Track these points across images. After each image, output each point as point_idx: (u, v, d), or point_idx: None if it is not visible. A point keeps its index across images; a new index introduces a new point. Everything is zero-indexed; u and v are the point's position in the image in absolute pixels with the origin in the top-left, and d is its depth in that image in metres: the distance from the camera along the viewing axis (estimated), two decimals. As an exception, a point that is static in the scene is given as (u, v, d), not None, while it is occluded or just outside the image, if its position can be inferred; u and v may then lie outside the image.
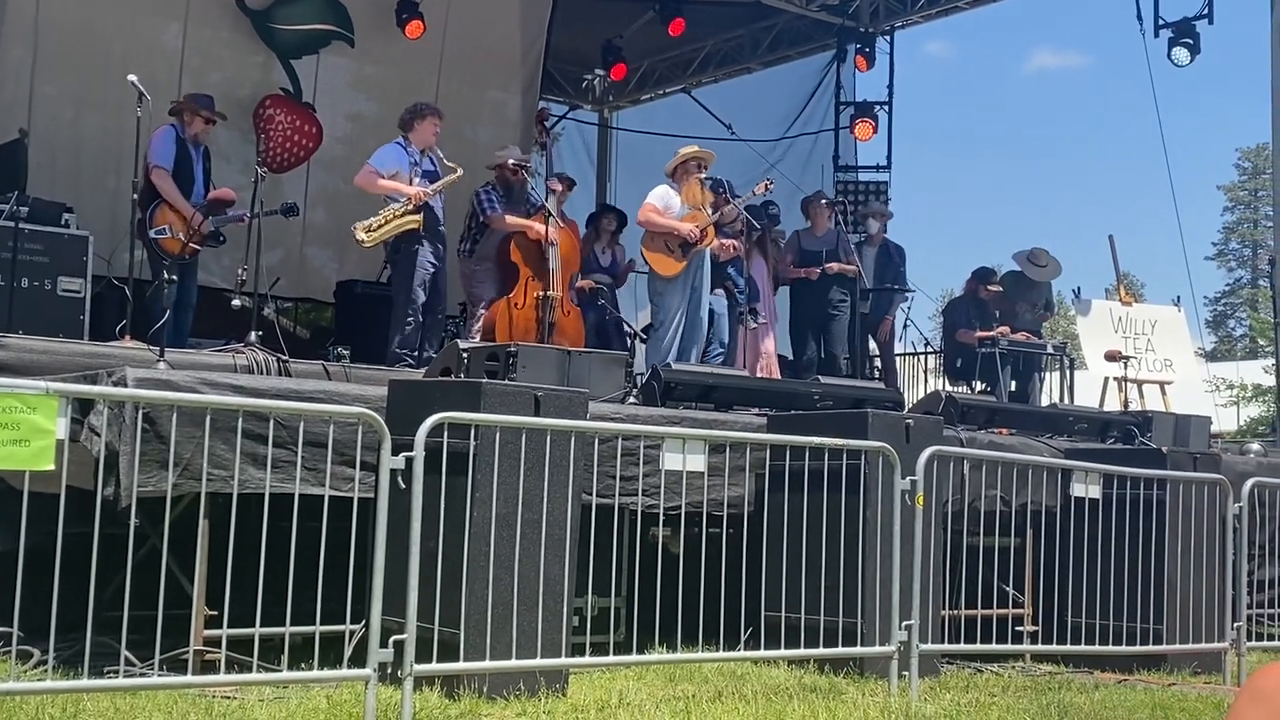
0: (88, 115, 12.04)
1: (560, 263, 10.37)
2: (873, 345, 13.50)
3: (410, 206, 9.70)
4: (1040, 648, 7.79)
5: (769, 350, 12.05)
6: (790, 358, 12.76)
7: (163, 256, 9.44)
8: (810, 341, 12.49)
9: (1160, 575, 7.80)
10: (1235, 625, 7.82)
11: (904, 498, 6.61)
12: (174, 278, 8.99)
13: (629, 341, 11.61)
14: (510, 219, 10.44)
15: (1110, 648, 7.71)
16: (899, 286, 13.25)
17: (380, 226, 9.67)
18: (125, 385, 5.85)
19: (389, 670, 5.08)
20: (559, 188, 10.98)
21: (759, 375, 11.34)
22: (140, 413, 5.43)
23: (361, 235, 9.69)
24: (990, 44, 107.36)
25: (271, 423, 5.57)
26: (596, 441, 6.25)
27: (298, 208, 10.02)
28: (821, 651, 6.76)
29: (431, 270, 9.91)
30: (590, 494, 6.05)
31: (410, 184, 9.81)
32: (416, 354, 9.74)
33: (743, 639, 6.60)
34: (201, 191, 9.86)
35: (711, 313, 11.28)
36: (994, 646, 7.30)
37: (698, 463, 6.46)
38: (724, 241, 11.25)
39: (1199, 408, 12.60)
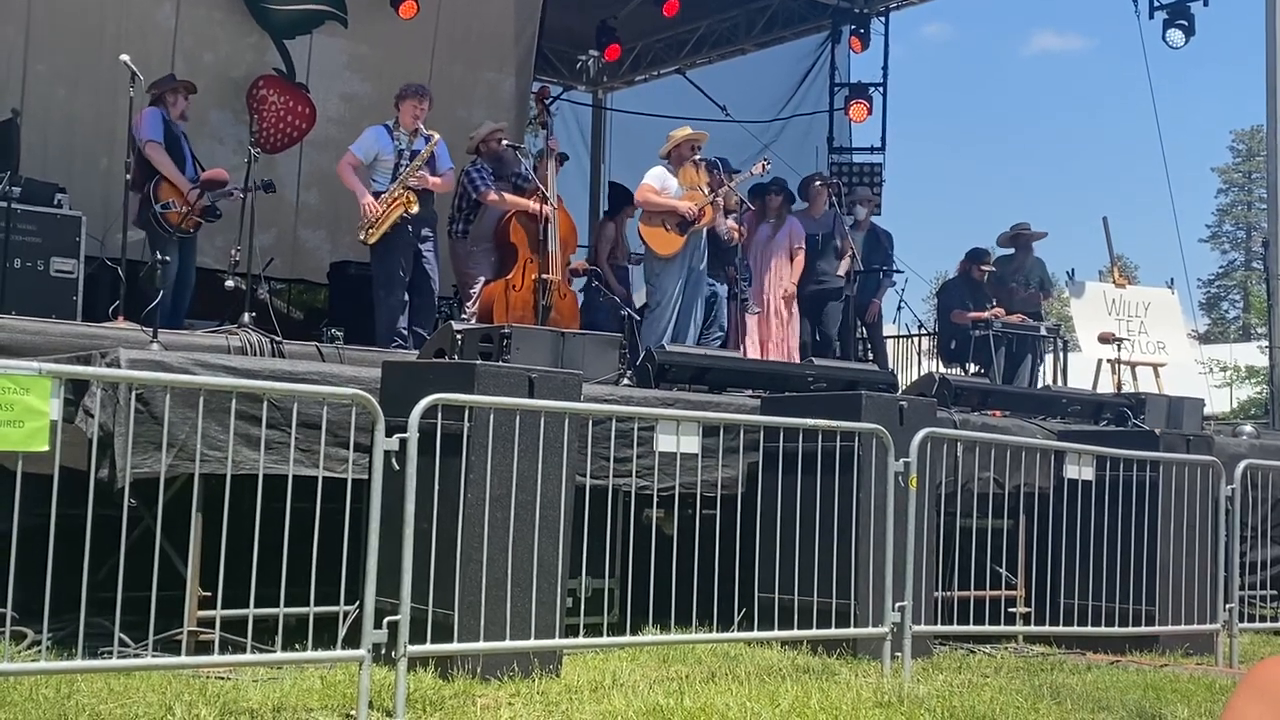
0: (80, 95, 11.99)
1: (559, 245, 10.34)
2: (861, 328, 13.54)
3: (397, 191, 9.68)
4: (1033, 629, 7.82)
5: (783, 336, 11.91)
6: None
7: (167, 231, 9.43)
8: (806, 324, 12.51)
9: (1153, 557, 7.82)
10: (1228, 607, 7.85)
11: (897, 479, 6.62)
12: (167, 258, 8.98)
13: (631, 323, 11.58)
14: (509, 197, 10.39)
15: (1103, 629, 7.74)
16: (885, 269, 13.28)
17: (377, 223, 9.66)
18: (119, 366, 5.85)
19: (383, 651, 5.08)
20: (556, 145, 10.95)
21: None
22: (134, 394, 5.42)
23: (362, 235, 9.73)
24: (990, 25, 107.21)
25: (265, 404, 5.57)
26: (590, 423, 6.25)
27: (274, 184, 9.98)
28: (814, 633, 6.77)
29: (414, 249, 9.88)
30: (584, 475, 6.06)
31: (394, 167, 9.79)
32: (405, 334, 9.73)
33: (736, 620, 6.61)
34: (193, 170, 9.84)
35: (716, 295, 11.29)
36: (987, 628, 7.31)
37: (691, 444, 6.46)
38: (729, 225, 11.25)
39: (1192, 390, 12.61)
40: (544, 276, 10.14)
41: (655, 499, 6.58)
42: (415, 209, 9.73)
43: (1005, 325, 12.67)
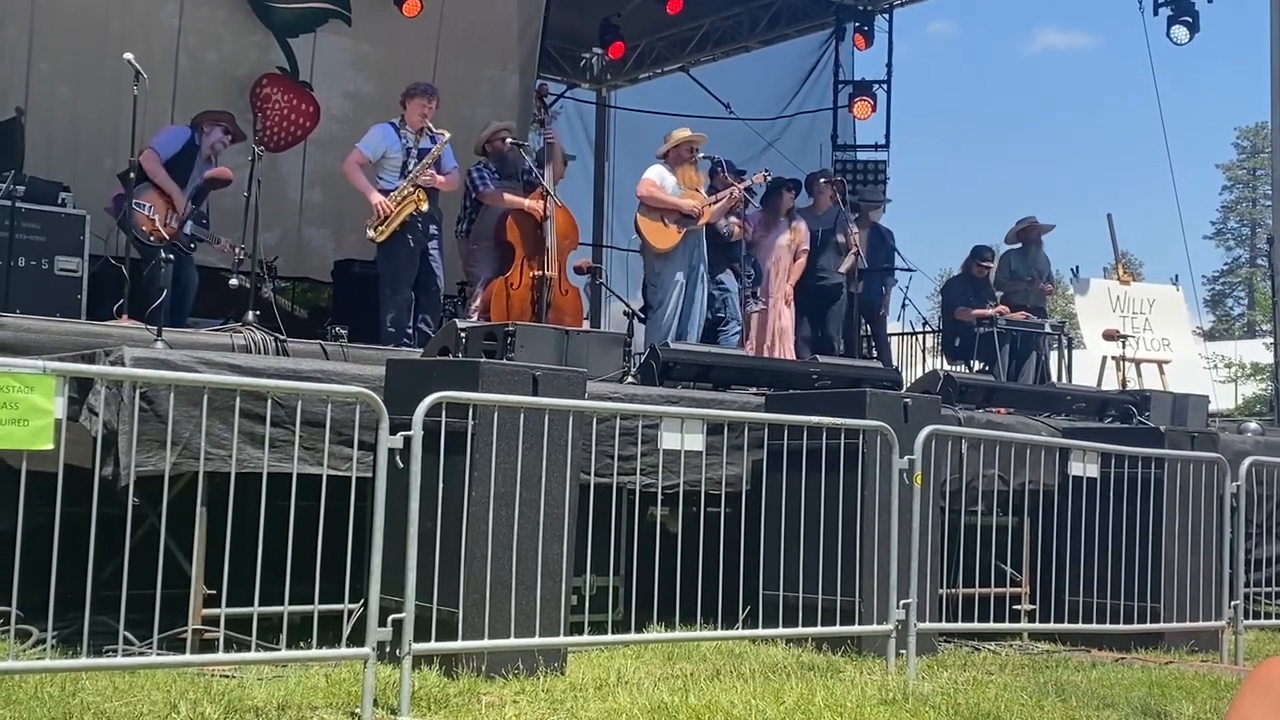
0: (84, 94, 11.99)
1: (557, 241, 10.36)
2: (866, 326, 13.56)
3: (407, 189, 9.70)
4: (1038, 626, 7.81)
5: (784, 329, 11.94)
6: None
7: (132, 230, 9.38)
8: (809, 321, 12.51)
9: (1158, 554, 7.82)
10: (1233, 604, 7.84)
11: (902, 477, 6.61)
12: (170, 257, 8.97)
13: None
14: (507, 196, 10.41)
15: (1108, 626, 7.73)
16: (891, 267, 13.30)
17: (386, 220, 9.67)
18: (123, 365, 5.84)
19: (387, 649, 5.08)
20: (555, 137, 10.98)
21: (770, 355, 11.36)
22: (138, 392, 5.42)
23: (371, 234, 9.73)
24: (994, 23, 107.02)
25: (269, 402, 5.56)
26: (595, 421, 6.24)
27: (276, 269, 9.98)
28: (819, 630, 6.77)
29: (418, 248, 9.89)
30: (588, 473, 6.05)
31: (402, 165, 9.80)
32: (410, 332, 9.74)
33: (741, 618, 6.61)
34: (190, 193, 9.80)
35: (728, 291, 11.28)
36: (992, 625, 7.30)
37: (696, 442, 6.45)
38: (734, 220, 11.23)
39: (1197, 386, 12.60)
40: (542, 273, 10.16)
41: (660, 497, 6.57)
42: (425, 206, 9.77)
43: (1010, 322, 12.66)
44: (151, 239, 9.46)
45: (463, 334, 7.34)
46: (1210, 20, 14.37)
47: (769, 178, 11.74)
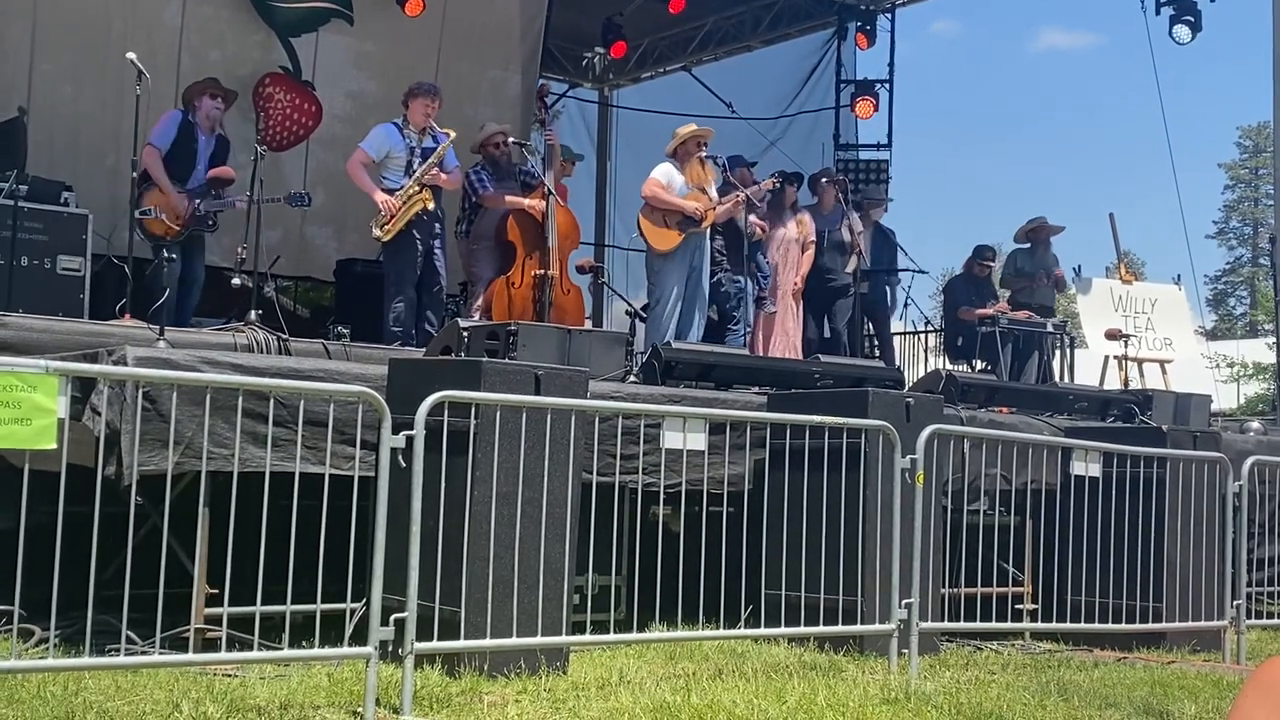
0: (87, 93, 12.00)
1: (559, 240, 10.36)
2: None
3: (413, 189, 9.71)
4: (1040, 625, 7.80)
5: (788, 327, 11.96)
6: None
7: (147, 237, 9.43)
8: (814, 320, 12.52)
9: (1160, 553, 7.82)
10: (1235, 603, 7.83)
11: (904, 476, 6.61)
12: (173, 256, 8.97)
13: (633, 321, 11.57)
14: (508, 198, 10.43)
15: (1110, 626, 7.73)
16: (896, 268, 13.31)
17: (392, 219, 9.69)
18: (125, 364, 5.85)
19: (390, 648, 5.08)
20: (555, 139, 11.00)
21: (773, 352, 11.37)
22: (141, 392, 5.42)
23: (378, 232, 9.74)
24: (998, 22, 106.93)
25: (272, 401, 5.57)
26: (597, 420, 6.24)
27: (308, 197, 10.01)
28: (821, 629, 6.77)
29: (424, 247, 9.90)
30: (590, 473, 6.05)
31: (406, 164, 9.82)
32: (413, 332, 9.75)
33: (743, 617, 6.61)
34: (202, 177, 9.83)
35: (742, 290, 11.29)
36: (994, 625, 7.30)
37: (698, 441, 6.45)
38: (752, 219, 11.21)
39: (1199, 386, 12.60)
40: (543, 273, 10.16)
41: (662, 496, 6.57)
42: (432, 205, 9.79)
43: (1012, 321, 12.66)
44: (167, 239, 9.49)
45: (465, 333, 7.35)
46: (1212, 20, 14.39)
47: (778, 184, 11.73)
